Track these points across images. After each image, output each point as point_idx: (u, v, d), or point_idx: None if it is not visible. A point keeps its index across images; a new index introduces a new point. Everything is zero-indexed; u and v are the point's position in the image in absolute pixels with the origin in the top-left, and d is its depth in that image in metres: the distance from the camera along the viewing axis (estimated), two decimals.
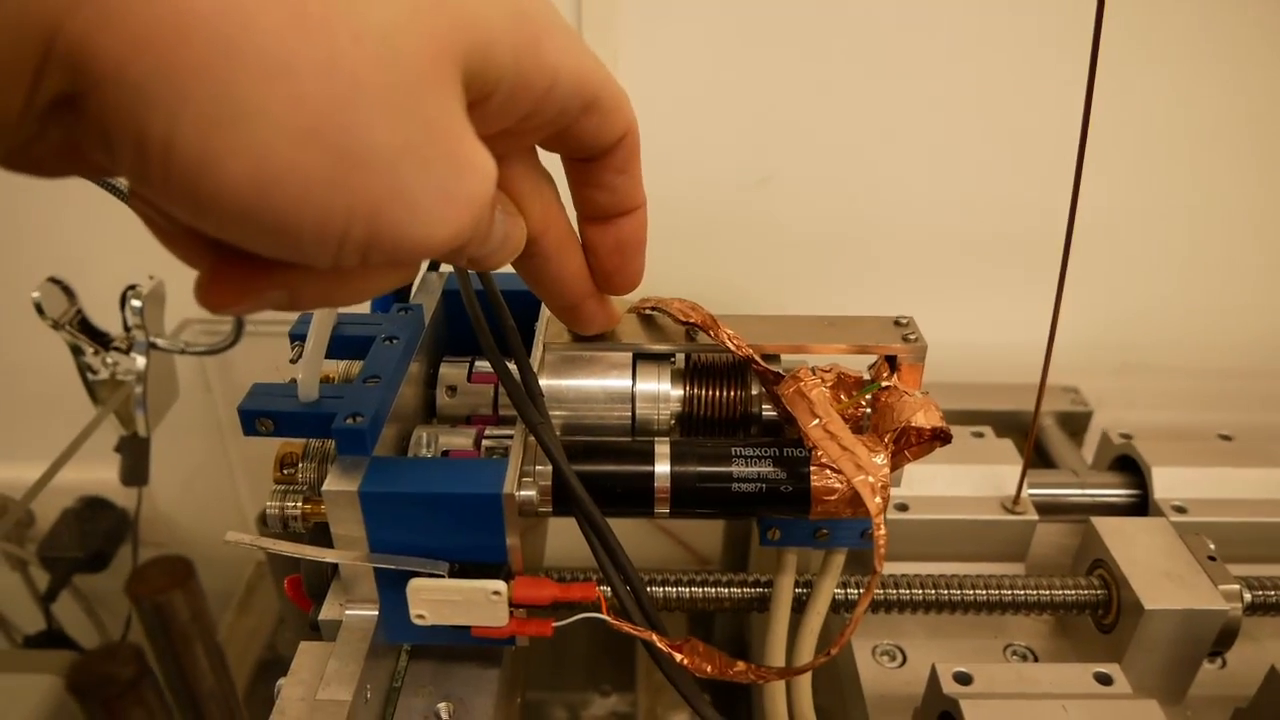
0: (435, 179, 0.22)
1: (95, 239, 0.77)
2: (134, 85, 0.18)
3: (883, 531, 0.34)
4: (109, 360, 0.70)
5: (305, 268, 0.23)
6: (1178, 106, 0.76)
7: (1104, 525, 0.50)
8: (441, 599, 0.34)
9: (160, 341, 0.69)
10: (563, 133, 0.28)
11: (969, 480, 0.55)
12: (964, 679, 0.42)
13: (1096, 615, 0.49)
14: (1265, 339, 0.87)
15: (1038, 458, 0.75)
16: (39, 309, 0.66)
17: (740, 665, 0.35)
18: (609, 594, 0.36)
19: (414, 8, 0.21)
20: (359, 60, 0.20)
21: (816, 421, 0.37)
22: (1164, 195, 0.80)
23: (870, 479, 0.35)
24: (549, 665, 0.91)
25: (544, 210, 0.31)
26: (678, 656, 0.34)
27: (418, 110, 0.21)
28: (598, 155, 0.30)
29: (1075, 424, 0.76)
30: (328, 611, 0.37)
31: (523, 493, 0.35)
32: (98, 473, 0.82)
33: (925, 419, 0.38)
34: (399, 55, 0.20)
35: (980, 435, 0.59)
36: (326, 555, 0.34)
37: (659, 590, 0.46)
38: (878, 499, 0.34)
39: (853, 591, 0.47)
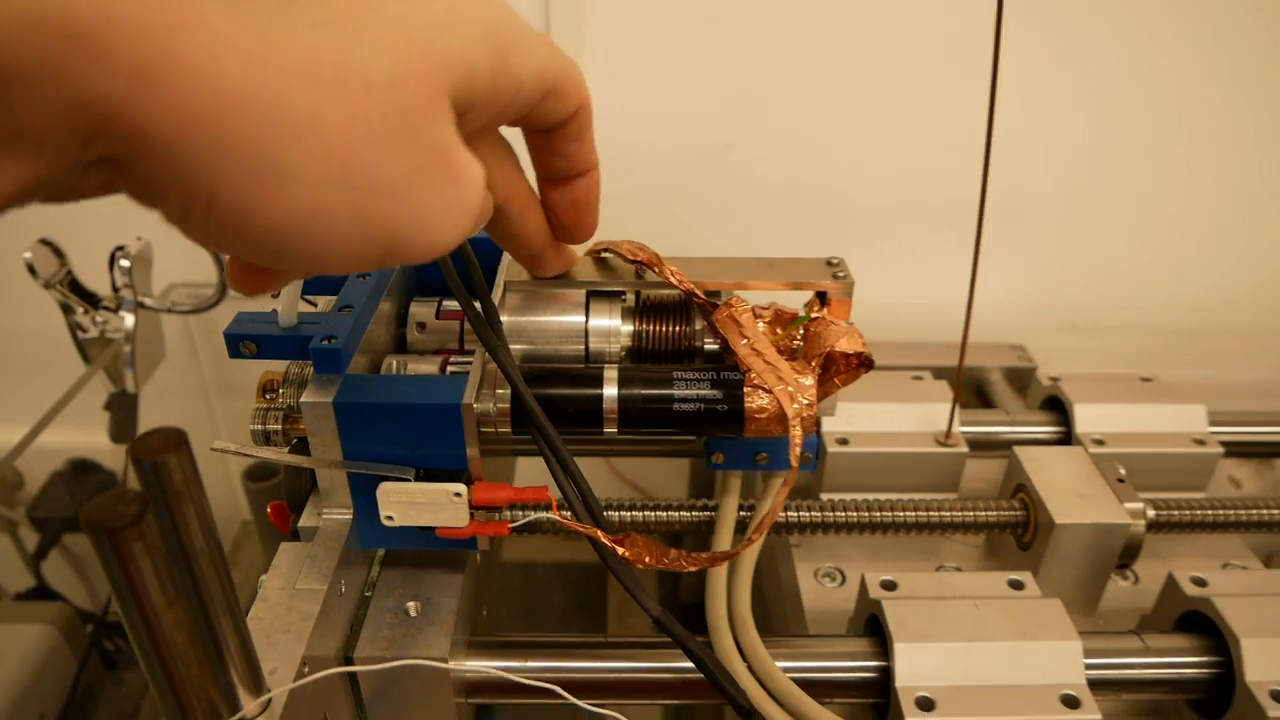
0: (441, 195, 0.25)
1: (85, 202, 0.80)
2: (181, 155, 0.21)
3: (798, 432, 0.38)
4: (98, 319, 0.73)
5: None
6: (1122, 77, 0.80)
7: (1025, 454, 0.54)
8: (408, 501, 0.38)
9: (148, 301, 0.73)
10: (524, 116, 0.32)
11: (906, 417, 0.59)
12: (890, 585, 0.47)
13: (1017, 534, 0.53)
14: (1207, 298, 0.92)
15: (982, 405, 0.79)
16: (30, 269, 0.69)
17: (673, 552, 0.39)
18: (561, 500, 0.40)
19: (409, 56, 0.24)
20: (370, 109, 0.23)
21: (745, 341, 0.41)
22: (1109, 162, 0.84)
23: (790, 389, 0.39)
24: (523, 617, 0.95)
25: (506, 178, 0.35)
26: (620, 550, 0.38)
27: (421, 140, 0.24)
28: (555, 128, 0.34)
29: (1021, 379, 0.80)
30: (306, 519, 0.41)
31: (480, 405, 0.39)
32: (87, 437, 0.85)
33: (848, 344, 0.42)
34: (402, 98, 0.23)
35: (919, 378, 0.63)
36: (304, 461, 0.38)
37: (615, 514, 0.50)
38: (795, 405, 0.39)
39: (793, 515, 0.51)
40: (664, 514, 0.51)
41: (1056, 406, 0.63)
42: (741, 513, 0.50)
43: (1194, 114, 0.82)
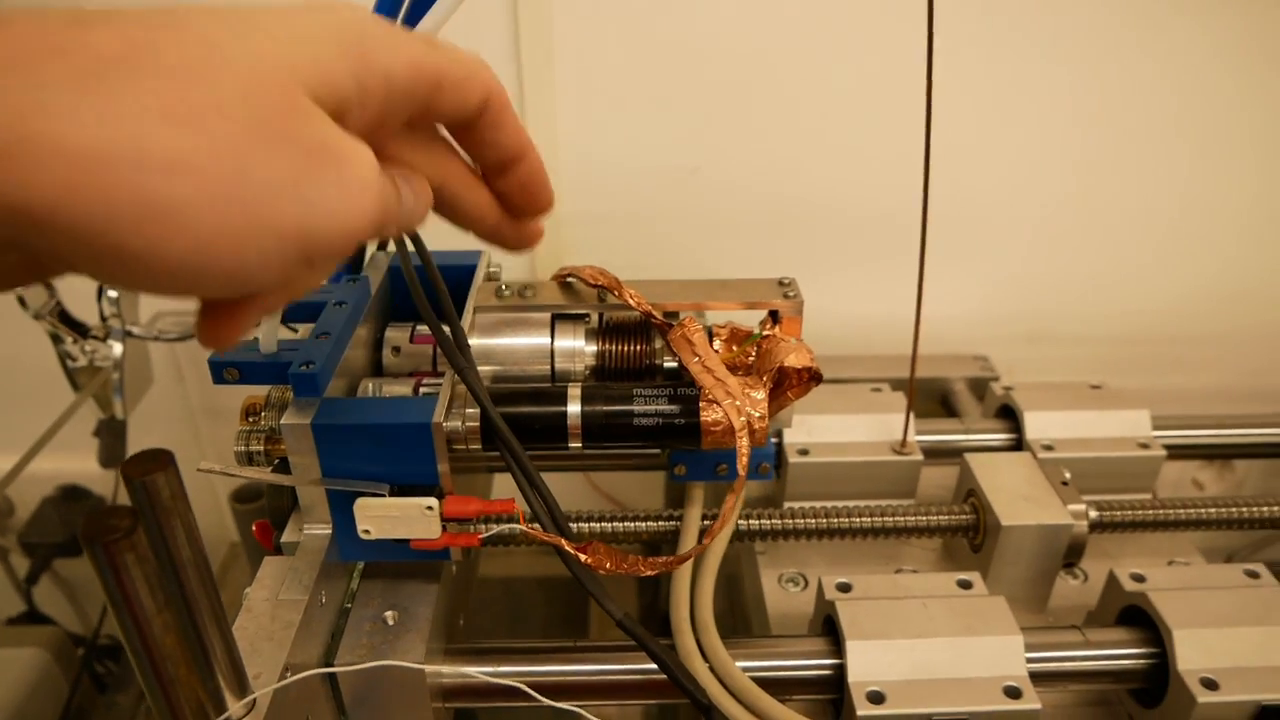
0: (330, 181, 0.27)
1: None
2: (66, 221, 0.22)
3: (745, 443, 0.41)
4: (87, 348, 0.76)
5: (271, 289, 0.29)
6: (1076, 92, 0.83)
7: (975, 460, 0.57)
8: (383, 515, 0.40)
9: (135, 329, 0.75)
10: (425, 112, 0.33)
11: (865, 428, 0.62)
12: (845, 588, 0.49)
13: (969, 537, 0.56)
14: (1163, 306, 0.95)
15: (946, 415, 0.82)
16: (21, 301, 0.72)
17: (631, 558, 0.42)
18: (528, 512, 0.42)
19: (257, 75, 0.25)
20: (231, 128, 0.24)
21: (697, 359, 0.44)
22: (1065, 176, 0.88)
23: (738, 403, 0.42)
24: (505, 626, 0.98)
25: (436, 163, 0.36)
26: (583, 557, 0.40)
27: (292, 140, 0.26)
28: (471, 121, 0.34)
29: (983, 389, 0.83)
30: (289, 535, 0.43)
31: (450, 424, 0.42)
32: (77, 463, 0.87)
33: (797, 360, 0.44)
34: (260, 111, 0.25)
35: (878, 390, 0.66)
36: (286, 480, 0.41)
37: (586, 525, 0.53)
38: (742, 418, 0.41)
39: (756, 523, 0.54)
40: (632, 524, 0.53)
41: (1009, 414, 0.66)
42: (705, 521, 0.52)
43: (1147, 126, 0.85)
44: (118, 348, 0.76)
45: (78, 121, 0.22)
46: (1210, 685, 0.45)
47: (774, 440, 0.61)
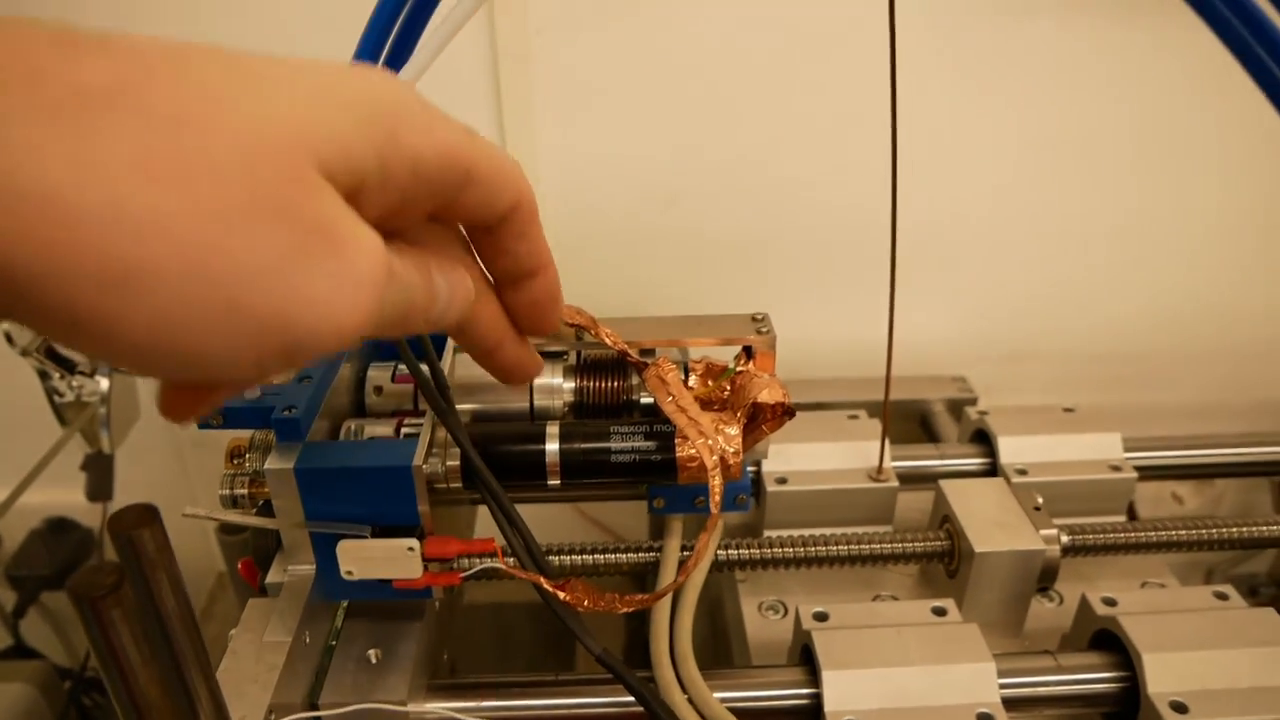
0: (325, 269, 0.23)
1: None
2: (21, 275, 0.20)
3: (717, 482, 0.42)
4: (74, 384, 0.76)
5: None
6: (1045, 118, 0.85)
7: (949, 486, 0.58)
8: (365, 556, 0.41)
9: None
10: (449, 206, 0.29)
11: (841, 455, 0.63)
12: (821, 617, 0.50)
13: (944, 563, 0.57)
14: (1142, 325, 0.97)
15: (926, 437, 0.83)
16: (8, 338, 0.72)
17: (609, 595, 0.42)
18: (508, 548, 0.43)
19: (264, 137, 0.22)
20: (222, 195, 0.21)
21: (670, 399, 0.45)
22: (1037, 197, 0.89)
23: (710, 442, 0.43)
24: (494, 658, 0.98)
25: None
26: (561, 594, 0.41)
27: (290, 217, 0.22)
28: (494, 225, 0.31)
29: (962, 410, 0.84)
30: (273, 576, 0.44)
31: (430, 466, 0.43)
32: (64, 496, 0.88)
33: (769, 395, 0.46)
34: (261, 178, 0.22)
35: (855, 417, 0.67)
36: (269, 523, 0.41)
37: (567, 558, 0.54)
38: (715, 456, 0.42)
39: (735, 552, 0.55)
40: (614, 556, 0.54)
41: (984, 439, 0.67)
42: (684, 553, 0.53)
43: (1118, 147, 0.87)
44: (104, 382, 0.76)
45: (43, 162, 0.19)
46: (1180, 709, 0.46)
47: (752, 470, 0.61)
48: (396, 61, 0.44)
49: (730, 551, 0.55)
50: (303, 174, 0.23)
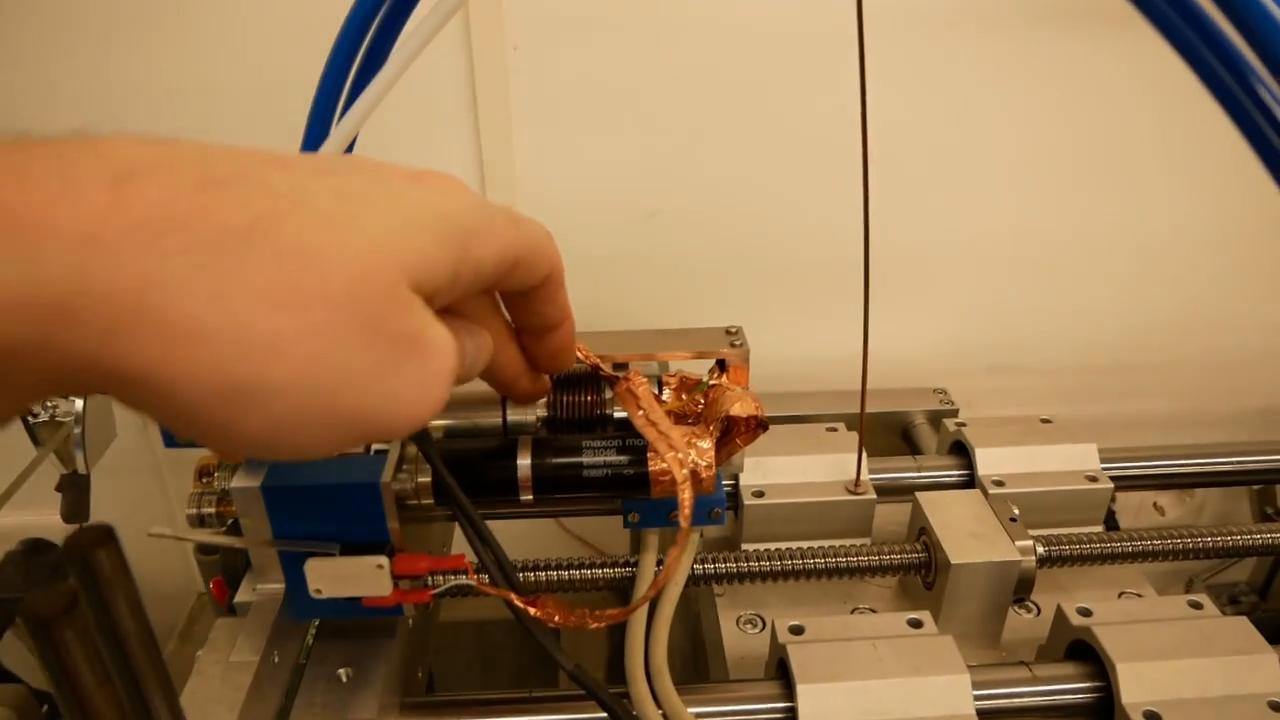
0: (410, 375, 0.27)
1: None
2: (155, 389, 0.23)
3: (687, 496, 0.42)
4: (48, 404, 0.76)
5: None
6: (1024, 131, 0.85)
7: (925, 498, 0.58)
8: (334, 574, 0.41)
9: None
10: (492, 288, 0.35)
11: (819, 468, 0.63)
12: (797, 630, 0.50)
13: (922, 575, 0.57)
14: (1120, 336, 0.97)
15: (908, 449, 0.83)
16: None
17: (579, 611, 0.42)
18: (478, 564, 0.43)
19: (366, 263, 0.25)
20: (331, 318, 0.24)
21: (641, 413, 0.45)
22: (1016, 210, 0.90)
23: (680, 455, 0.43)
24: (478, 674, 0.97)
25: (483, 318, 0.37)
26: (532, 610, 0.41)
27: (383, 332, 0.26)
28: (527, 293, 0.36)
29: (942, 422, 0.84)
30: (242, 595, 0.44)
31: (399, 483, 0.42)
32: (40, 517, 0.87)
33: (742, 408, 0.45)
34: (361, 301, 0.25)
35: (834, 430, 0.67)
36: (236, 542, 0.41)
37: (541, 574, 0.53)
38: (685, 470, 0.42)
39: (711, 566, 0.55)
40: (589, 572, 0.54)
41: (962, 450, 0.67)
42: (659, 568, 0.53)
43: (1096, 161, 0.88)
44: (79, 402, 0.76)
45: (191, 298, 0.22)
46: (1154, 718, 0.46)
47: (728, 484, 0.61)
48: (370, 67, 0.44)
49: (708, 565, 0.55)
50: (398, 293, 0.26)
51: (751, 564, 0.55)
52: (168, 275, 0.22)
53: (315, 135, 0.41)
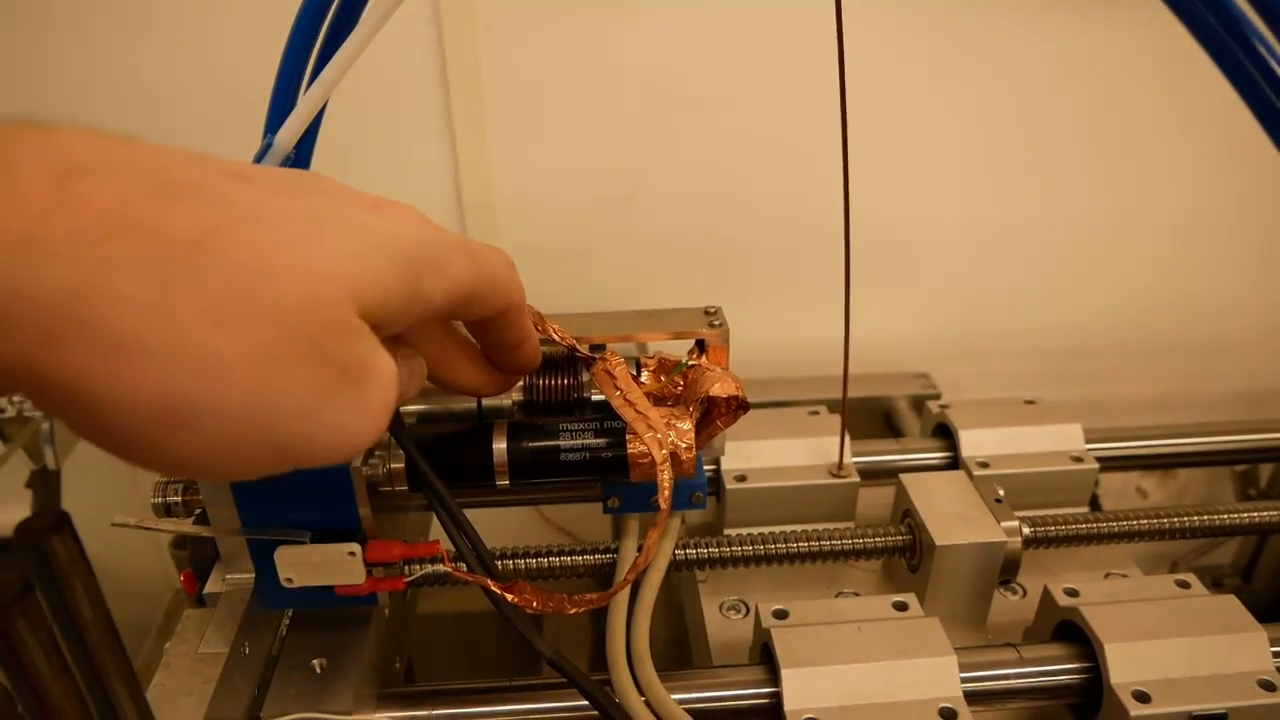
0: (353, 403, 0.26)
1: None
2: (85, 401, 0.22)
3: (666, 477, 0.41)
4: (15, 398, 0.74)
5: None
6: (1005, 110, 0.85)
7: (909, 480, 0.57)
8: (305, 562, 0.40)
9: None
10: (448, 318, 0.35)
11: (801, 451, 0.62)
12: (781, 614, 0.49)
13: (906, 558, 0.56)
14: (1101, 319, 0.97)
15: (890, 433, 0.83)
16: None
17: (557, 596, 0.41)
18: (454, 551, 0.42)
19: (319, 287, 0.25)
20: (276, 340, 0.24)
21: (618, 393, 0.44)
22: (997, 195, 0.89)
23: (659, 436, 0.42)
24: (461, 662, 0.96)
25: (435, 345, 0.37)
26: (509, 596, 0.40)
27: (328, 359, 0.25)
28: (485, 322, 0.36)
29: (924, 406, 0.84)
30: (211, 585, 0.43)
31: (370, 468, 0.41)
32: (10, 514, 0.85)
33: (721, 389, 0.45)
34: (310, 326, 0.24)
35: (816, 413, 0.66)
36: (203, 531, 0.40)
37: (520, 562, 0.52)
38: (665, 451, 0.41)
39: (694, 551, 0.54)
40: (569, 559, 0.53)
41: (946, 433, 0.66)
42: (639, 553, 0.52)
43: (1073, 143, 0.87)
44: None
45: (129, 308, 0.22)
46: (1142, 698, 0.45)
47: (710, 468, 0.61)
48: (337, 37, 0.42)
49: (690, 551, 0.54)
50: (346, 319, 0.25)
51: (734, 548, 0.54)
52: (107, 282, 0.21)
53: (280, 107, 0.39)
